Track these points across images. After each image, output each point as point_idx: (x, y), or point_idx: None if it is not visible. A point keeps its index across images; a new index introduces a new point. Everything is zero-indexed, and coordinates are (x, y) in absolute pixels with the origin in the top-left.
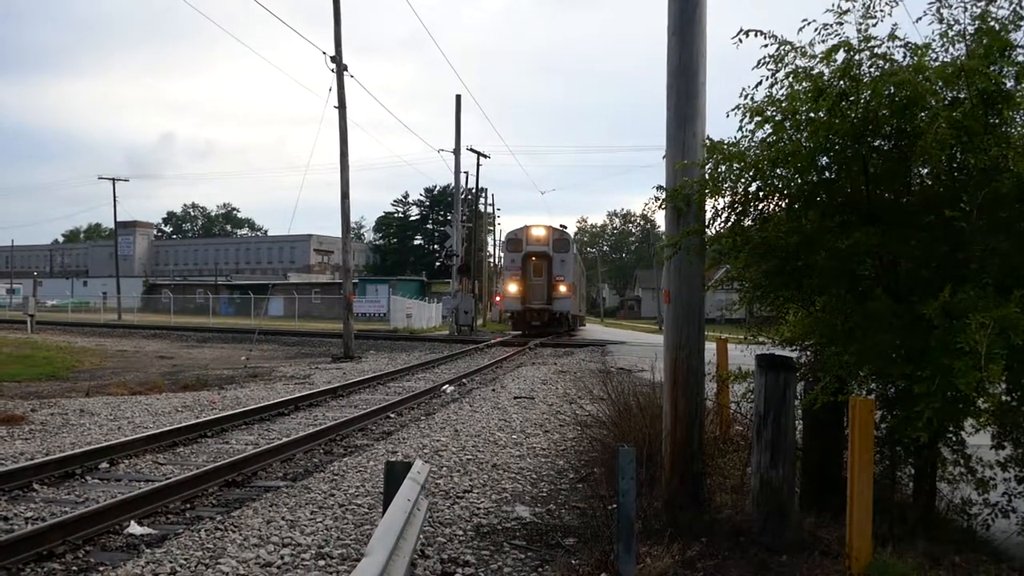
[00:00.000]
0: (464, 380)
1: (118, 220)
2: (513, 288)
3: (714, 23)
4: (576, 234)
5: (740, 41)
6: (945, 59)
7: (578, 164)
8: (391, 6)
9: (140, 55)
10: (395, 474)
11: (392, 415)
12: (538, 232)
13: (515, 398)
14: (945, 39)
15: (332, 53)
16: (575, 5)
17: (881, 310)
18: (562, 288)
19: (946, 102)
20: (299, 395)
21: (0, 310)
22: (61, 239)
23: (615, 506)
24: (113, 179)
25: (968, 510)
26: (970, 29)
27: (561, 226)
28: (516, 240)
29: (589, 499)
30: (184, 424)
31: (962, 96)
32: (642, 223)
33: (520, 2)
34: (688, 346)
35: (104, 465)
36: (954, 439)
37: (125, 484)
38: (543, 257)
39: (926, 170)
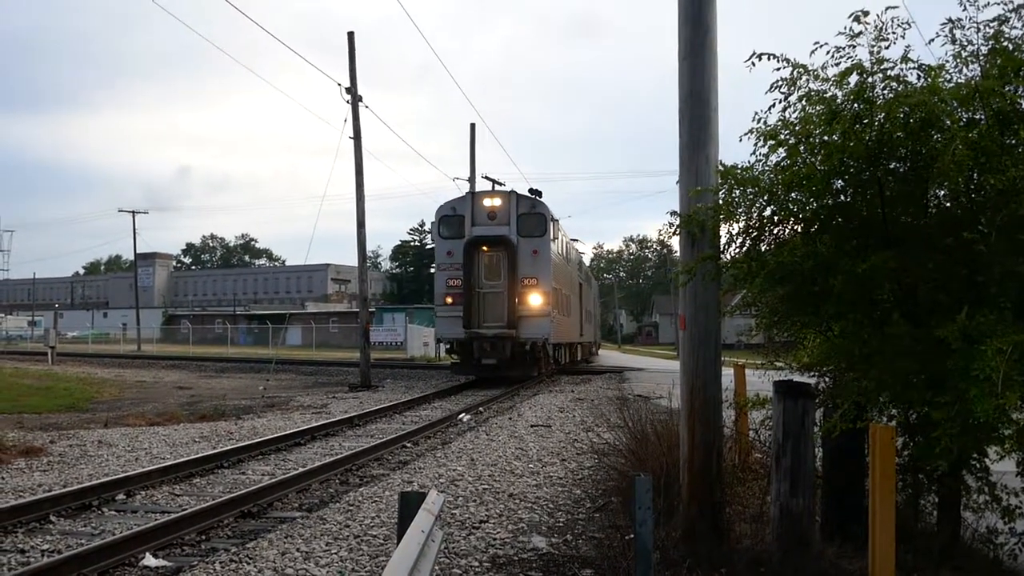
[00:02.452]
0: (481, 408)
1: (138, 252)
2: (449, 300)
3: (725, 48)
4: (592, 260)
5: (753, 64)
6: (959, 80)
7: (593, 190)
8: (404, 37)
9: (156, 89)
10: (409, 505)
11: (408, 444)
12: (492, 202)
13: (532, 426)
14: (959, 60)
15: (347, 85)
16: (586, 32)
17: (899, 335)
18: (534, 299)
19: (962, 123)
20: (316, 425)
21: (22, 342)
22: (82, 271)
23: (632, 536)
24: (133, 212)
25: (994, 539)
26: (984, 49)
27: (532, 192)
28: (455, 219)
29: (606, 529)
30: (201, 455)
31: (978, 117)
32: (658, 248)
33: (532, 30)
34: (705, 373)
35: (121, 496)
36: (978, 466)
37: (141, 516)
38: (500, 245)
39: (943, 192)
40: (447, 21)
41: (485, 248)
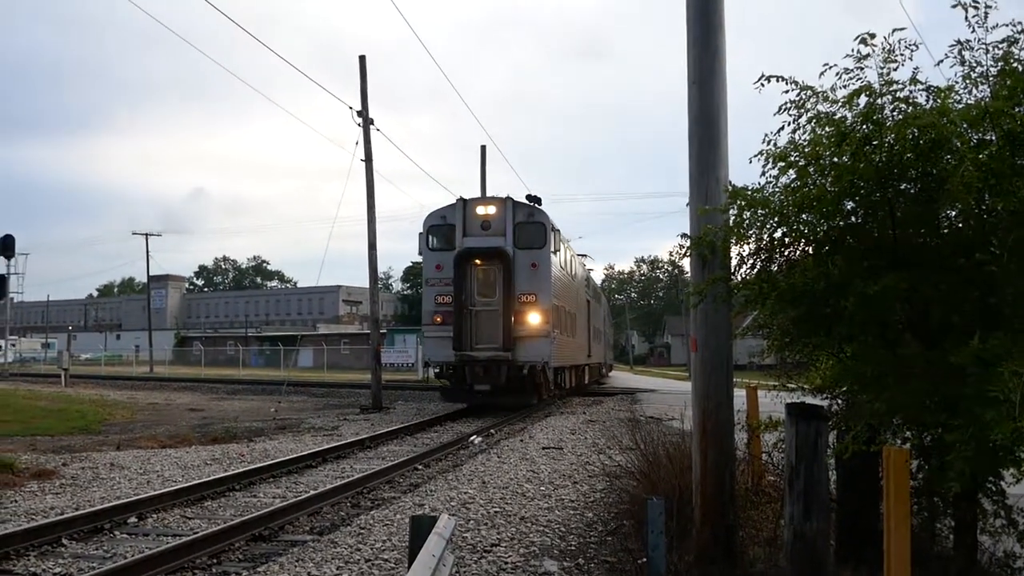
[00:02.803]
0: (492, 430)
1: (151, 274)
2: (439, 319)
3: (733, 69)
4: (603, 281)
5: (762, 86)
6: (969, 101)
7: (604, 211)
8: (415, 59)
9: (172, 113)
10: (421, 528)
11: (420, 467)
12: (485, 210)
13: (543, 448)
14: (968, 81)
15: (359, 108)
16: (595, 54)
17: (912, 356)
18: (532, 317)
19: (972, 144)
20: (327, 447)
21: (36, 364)
22: (95, 293)
23: (645, 560)
24: (146, 234)
25: (1012, 564)
26: (993, 71)
27: (530, 199)
28: (445, 228)
29: (619, 553)
30: (212, 477)
31: (988, 138)
32: (669, 269)
33: (541, 52)
34: (717, 395)
35: (133, 519)
36: (994, 489)
37: (153, 539)
38: (495, 258)
39: (954, 213)
40: (456, 43)
41: (478, 261)
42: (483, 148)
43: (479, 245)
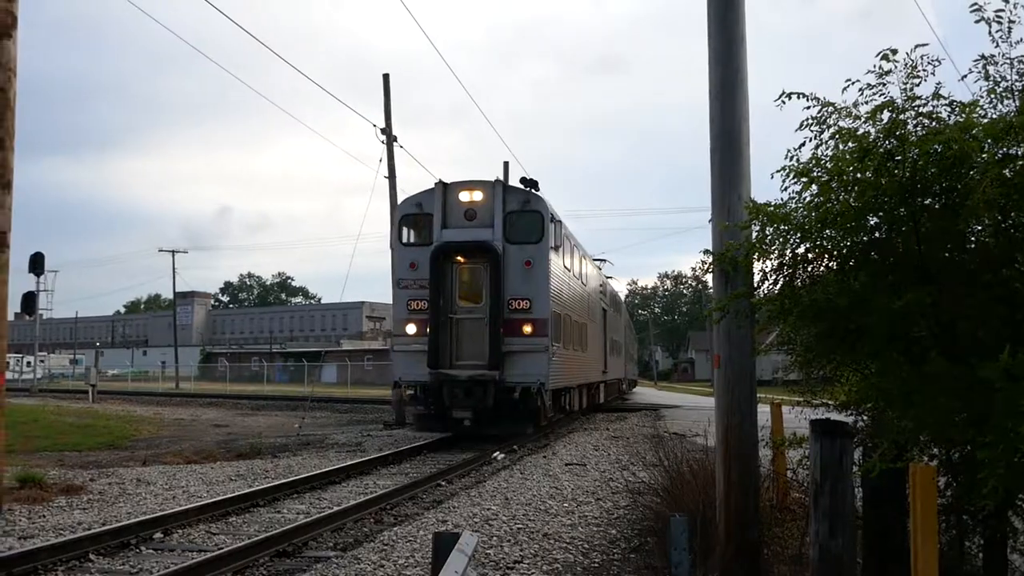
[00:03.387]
0: (515, 447)
1: (177, 291)
2: (412, 329)
3: (755, 83)
4: (627, 297)
5: (783, 103)
6: (994, 116)
7: (627, 227)
8: (438, 78)
9: (199, 132)
10: (443, 545)
11: (443, 483)
12: (470, 196)
13: (567, 465)
14: (993, 95)
15: (382, 125)
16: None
17: (939, 373)
18: (527, 327)
19: (997, 158)
20: (350, 463)
21: (64, 380)
22: (122, 310)
23: None
24: (172, 251)
25: None
26: (1018, 85)
27: (526, 183)
28: (421, 219)
29: (642, 570)
30: (237, 493)
31: (1014, 152)
32: (693, 284)
33: (561, 69)
34: (740, 411)
35: (158, 535)
36: None
37: (179, 554)
38: (481, 254)
39: (980, 228)
40: (478, 61)
41: (460, 258)
42: (506, 164)
43: (462, 239)
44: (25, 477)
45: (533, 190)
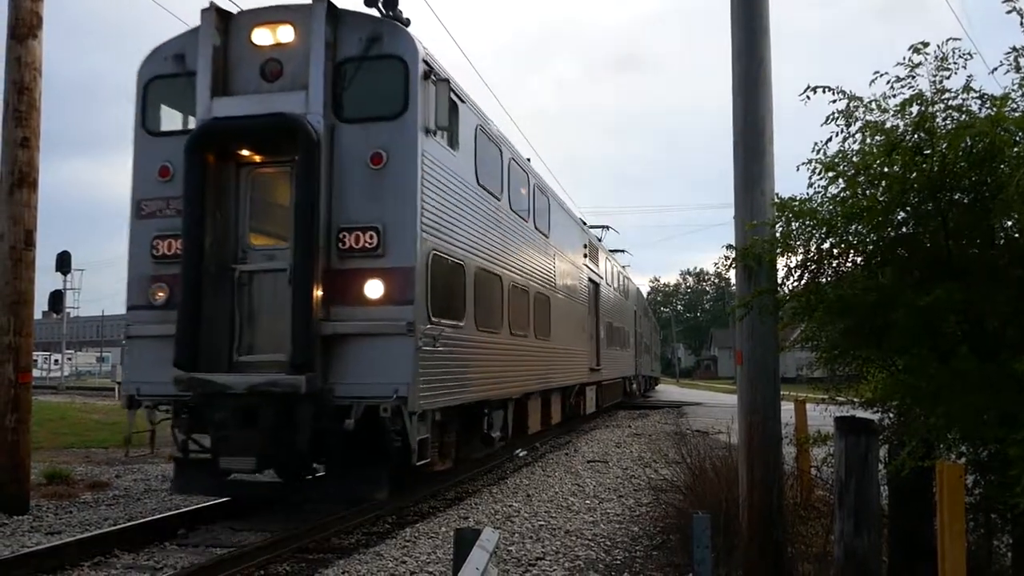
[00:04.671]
0: (536, 443)
1: None
2: (161, 294)
3: (778, 77)
4: (649, 294)
5: (808, 98)
6: None
7: (648, 224)
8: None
9: None
10: (464, 542)
11: (464, 480)
12: (271, 35)
13: (588, 462)
14: None
15: None
16: (633, 67)
17: (968, 370)
18: (372, 285)
19: None
20: None
21: (90, 378)
22: None
23: (691, 575)
24: None
25: None
26: None
27: (384, 8)
28: (178, 83)
29: (664, 568)
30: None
31: None
32: (716, 281)
33: (583, 68)
34: (763, 409)
35: (182, 531)
36: None
37: (203, 550)
38: (283, 143)
39: (1010, 223)
40: (504, 62)
41: (247, 152)
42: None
43: (246, 112)
44: (52, 473)
45: (396, 22)
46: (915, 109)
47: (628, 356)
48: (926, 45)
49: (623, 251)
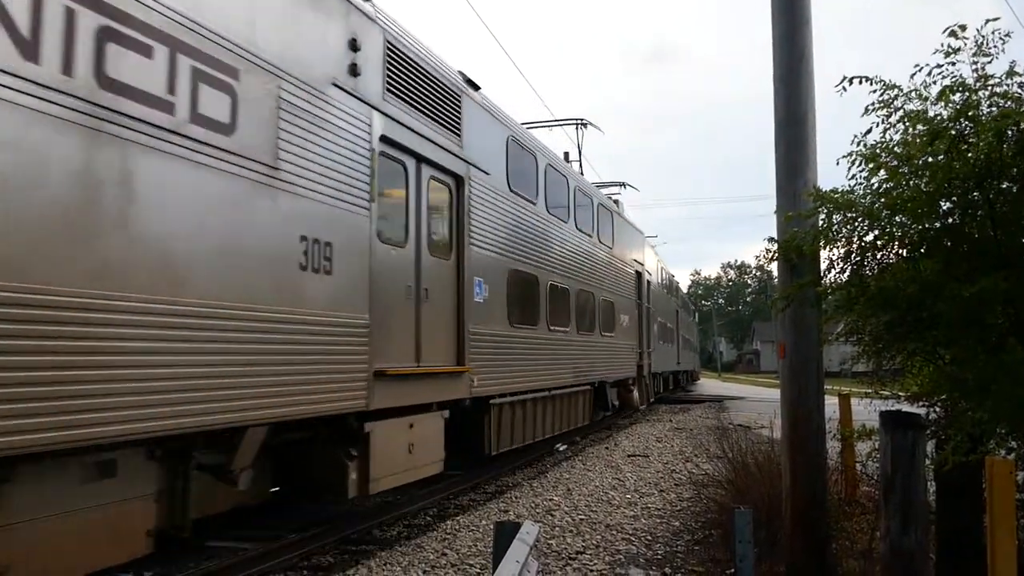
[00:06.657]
0: (577, 437)
1: None
2: None
3: (819, 67)
4: (689, 287)
5: (844, 89)
6: None
7: (689, 216)
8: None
9: None
10: (504, 535)
11: (504, 474)
12: None
13: (629, 456)
14: None
15: None
16: (675, 58)
17: (1017, 361)
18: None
19: None
20: None
21: None
22: None
23: (733, 571)
24: None
25: None
26: None
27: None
28: None
29: (706, 563)
30: None
31: None
32: (757, 274)
33: (619, 58)
34: (806, 402)
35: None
36: None
37: (247, 540)
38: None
39: None
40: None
41: None
42: (566, 154)
43: None
44: None
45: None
46: (957, 97)
47: (634, 332)
48: (964, 28)
49: (655, 236)
